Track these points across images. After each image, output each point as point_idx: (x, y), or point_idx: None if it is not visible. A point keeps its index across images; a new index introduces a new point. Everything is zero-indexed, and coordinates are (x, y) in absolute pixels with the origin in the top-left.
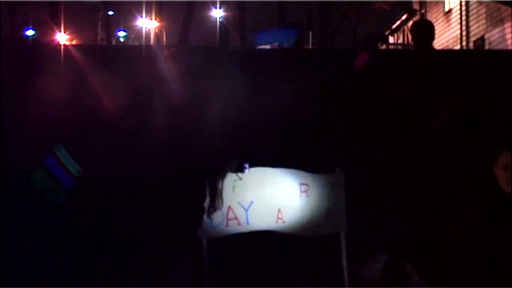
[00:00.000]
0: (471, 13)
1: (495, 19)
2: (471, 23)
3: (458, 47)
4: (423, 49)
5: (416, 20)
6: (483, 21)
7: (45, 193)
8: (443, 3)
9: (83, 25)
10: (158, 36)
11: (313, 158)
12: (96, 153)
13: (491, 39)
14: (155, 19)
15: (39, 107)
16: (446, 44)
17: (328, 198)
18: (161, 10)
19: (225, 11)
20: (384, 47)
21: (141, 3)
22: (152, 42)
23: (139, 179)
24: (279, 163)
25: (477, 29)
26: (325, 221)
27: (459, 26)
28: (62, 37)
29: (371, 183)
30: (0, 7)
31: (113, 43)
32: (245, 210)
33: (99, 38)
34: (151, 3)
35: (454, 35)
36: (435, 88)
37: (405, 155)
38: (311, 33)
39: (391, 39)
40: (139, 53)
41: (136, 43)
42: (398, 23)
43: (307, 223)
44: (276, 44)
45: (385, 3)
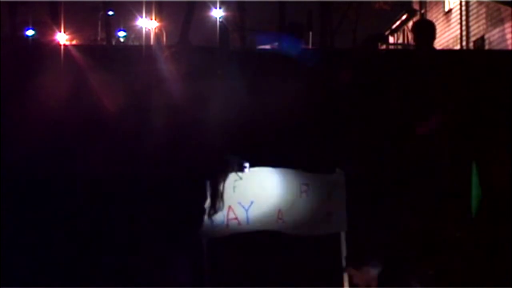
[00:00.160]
0: (471, 13)
1: (495, 19)
2: (471, 23)
3: (458, 47)
4: (424, 48)
5: (417, 20)
6: (483, 21)
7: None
8: (443, 3)
9: (83, 25)
10: (158, 36)
11: (313, 158)
12: (96, 153)
13: (491, 39)
14: (155, 19)
15: (39, 107)
16: (446, 44)
17: (328, 198)
18: (161, 10)
19: (225, 11)
20: (384, 47)
21: (141, 3)
22: (152, 42)
23: (139, 179)
24: (279, 163)
25: (477, 29)
26: (325, 221)
27: (459, 26)
28: (62, 37)
29: (371, 183)
30: (0, 7)
31: (113, 43)
32: (246, 210)
33: (99, 38)
34: (151, 3)
35: (454, 35)
36: (435, 88)
37: (405, 155)
38: (311, 33)
39: (391, 39)
40: (139, 53)
41: (136, 43)
42: (398, 23)
43: (307, 223)
44: (276, 44)
45: (385, 3)
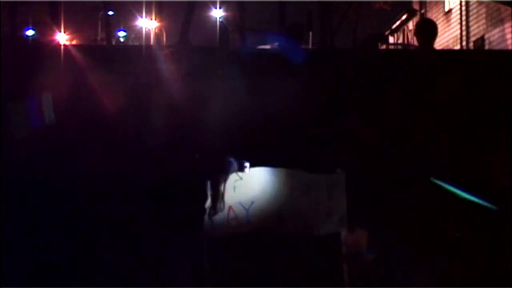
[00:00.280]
0: (471, 13)
1: (495, 19)
2: (471, 23)
3: (458, 47)
4: (426, 49)
5: (420, 20)
6: (483, 21)
7: (13, 124)
8: (443, 3)
9: (83, 25)
10: (158, 36)
11: (313, 158)
12: (96, 153)
13: (491, 39)
14: (155, 19)
15: (39, 107)
16: (446, 44)
17: (328, 198)
18: (161, 10)
19: (225, 11)
20: (384, 47)
21: (141, 3)
22: (152, 42)
23: (139, 179)
24: (279, 163)
25: (477, 29)
26: (325, 221)
27: (459, 26)
28: (62, 37)
29: (371, 183)
30: (0, 7)
31: (113, 43)
32: (246, 210)
33: (99, 38)
34: (151, 3)
35: (454, 35)
36: (435, 88)
37: (405, 155)
38: (311, 33)
39: (391, 39)
40: (139, 53)
41: (136, 43)
42: (398, 23)
43: (307, 223)
44: (276, 44)
45: (385, 3)
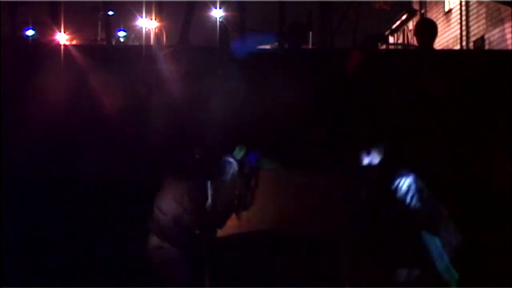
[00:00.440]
0: (471, 13)
1: (495, 19)
2: (471, 23)
3: (458, 47)
4: (426, 49)
5: (420, 20)
6: (483, 21)
7: None
8: (443, 3)
9: (83, 25)
10: (158, 36)
11: (313, 158)
12: (96, 153)
13: (491, 39)
14: (155, 19)
15: (39, 107)
16: (446, 44)
17: (328, 198)
18: (161, 10)
19: (225, 11)
20: (384, 47)
21: (141, 3)
22: (152, 42)
23: (139, 179)
24: (280, 163)
25: (477, 29)
26: (325, 221)
27: (459, 26)
28: (62, 37)
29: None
30: (0, 7)
31: (113, 43)
32: (246, 210)
33: (99, 38)
34: (151, 3)
35: (454, 35)
36: (435, 88)
37: (406, 155)
38: (311, 33)
39: (391, 39)
40: (139, 53)
41: (136, 43)
42: (398, 23)
43: (307, 223)
44: (276, 44)
45: (385, 3)
